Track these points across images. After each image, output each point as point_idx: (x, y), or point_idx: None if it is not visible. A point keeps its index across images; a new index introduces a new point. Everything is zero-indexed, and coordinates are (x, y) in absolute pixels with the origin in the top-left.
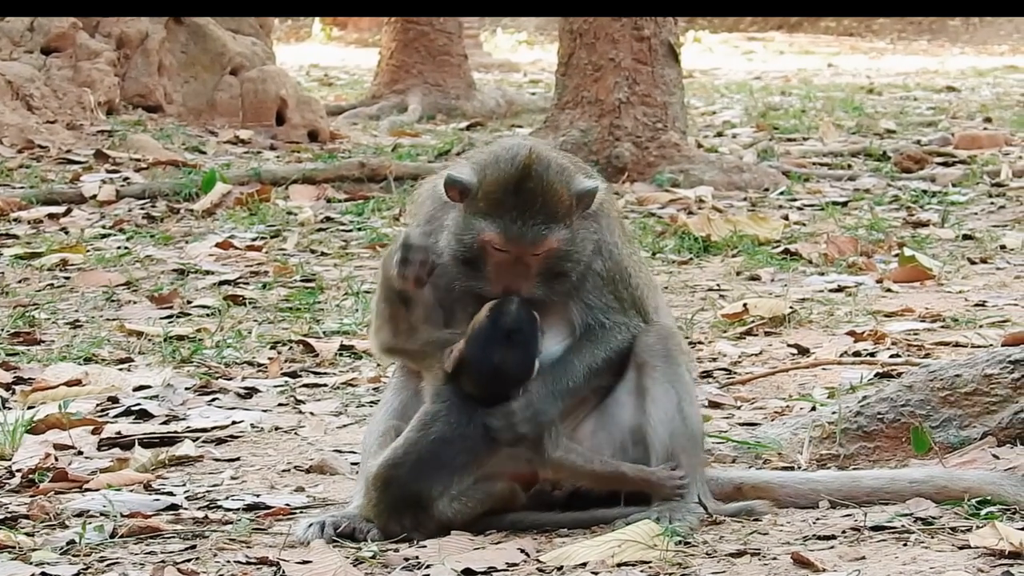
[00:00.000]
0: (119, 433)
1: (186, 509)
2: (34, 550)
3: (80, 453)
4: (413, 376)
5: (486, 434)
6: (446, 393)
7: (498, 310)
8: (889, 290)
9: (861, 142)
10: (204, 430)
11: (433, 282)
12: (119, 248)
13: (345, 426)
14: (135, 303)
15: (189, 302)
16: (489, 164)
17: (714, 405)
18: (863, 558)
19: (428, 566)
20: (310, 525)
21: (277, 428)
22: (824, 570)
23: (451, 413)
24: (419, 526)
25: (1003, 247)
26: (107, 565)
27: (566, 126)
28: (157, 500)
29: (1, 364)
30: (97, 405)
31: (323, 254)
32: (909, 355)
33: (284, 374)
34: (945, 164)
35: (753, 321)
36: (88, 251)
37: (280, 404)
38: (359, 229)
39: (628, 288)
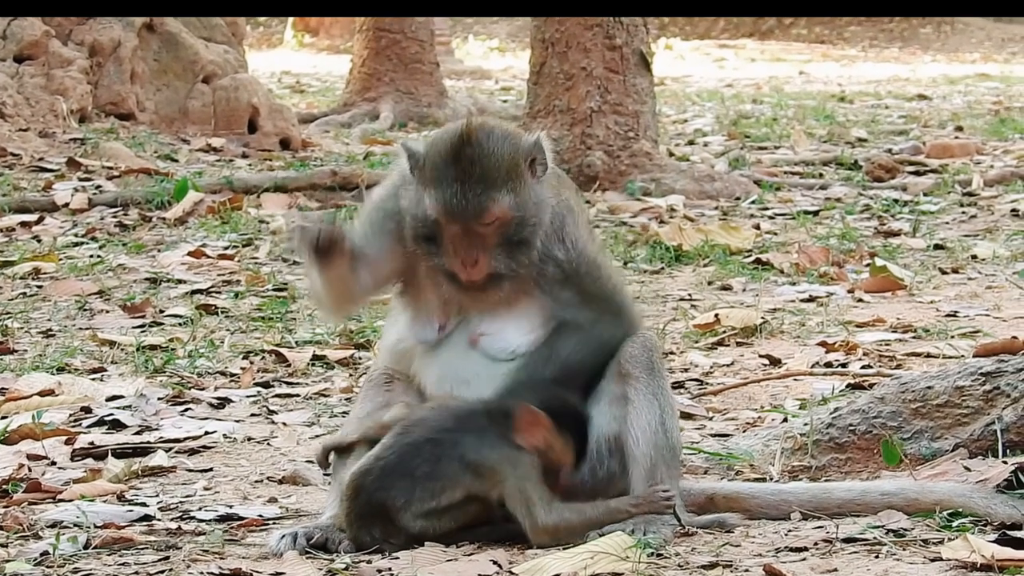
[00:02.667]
0: (92, 443)
1: (159, 520)
2: (7, 561)
3: (53, 463)
4: (383, 389)
5: (455, 452)
6: (447, 406)
7: None
8: (860, 300)
9: (832, 151)
10: (177, 440)
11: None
12: (91, 257)
13: (318, 436)
14: (107, 312)
15: (161, 311)
16: (437, 135)
17: (686, 416)
18: (835, 570)
19: None
20: (283, 536)
21: (250, 438)
22: None
23: (437, 421)
24: (388, 537)
25: (974, 257)
26: None
27: None
28: (130, 511)
29: None
30: (70, 415)
31: (295, 263)
32: (880, 366)
33: (257, 384)
34: (916, 173)
35: (725, 331)
36: (60, 260)
37: (253, 414)
38: None
39: (596, 281)
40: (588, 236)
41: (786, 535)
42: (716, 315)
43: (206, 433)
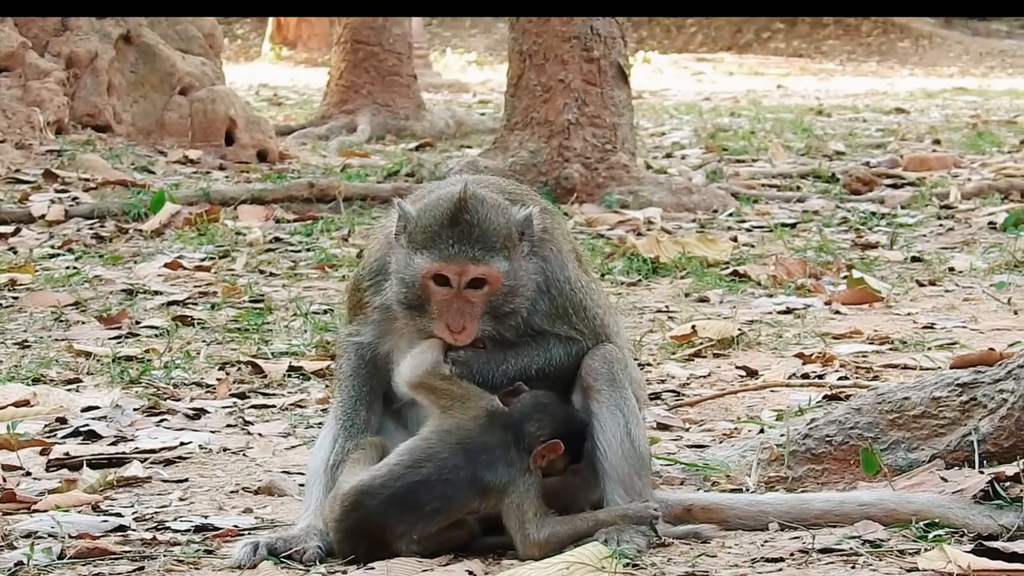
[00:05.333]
0: (67, 454)
1: (134, 530)
2: None
3: (28, 474)
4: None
5: (467, 486)
6: (457, 436)
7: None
8: (838, 312)
9: (810, 164)
10: (152, 451)
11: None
12: (68, 268)
13: (293, 447)
14: (84, 323)
15: (138, 322)
16: (428, 198)
17: (663, 427)
18: None
19: None
20: (245, 545)
21: (225, 449)
22: None
23: (451, 458)
24: (374, 553)
25: (951, 269)
26: None
27: (515, 147)
28: (105, 521)
29: None
30: (45, 426)
31: (272, 275)
32: (857, 377)
33: (232, 395)
34: (894, 186)
35: (702, 343)
36: (36, 271)
37: (228, 425)
38: (308, 250)
39: (584, 320)
40: (576, 272)
41: (762, 546)
42: (693, 327)
43: (181, 444)
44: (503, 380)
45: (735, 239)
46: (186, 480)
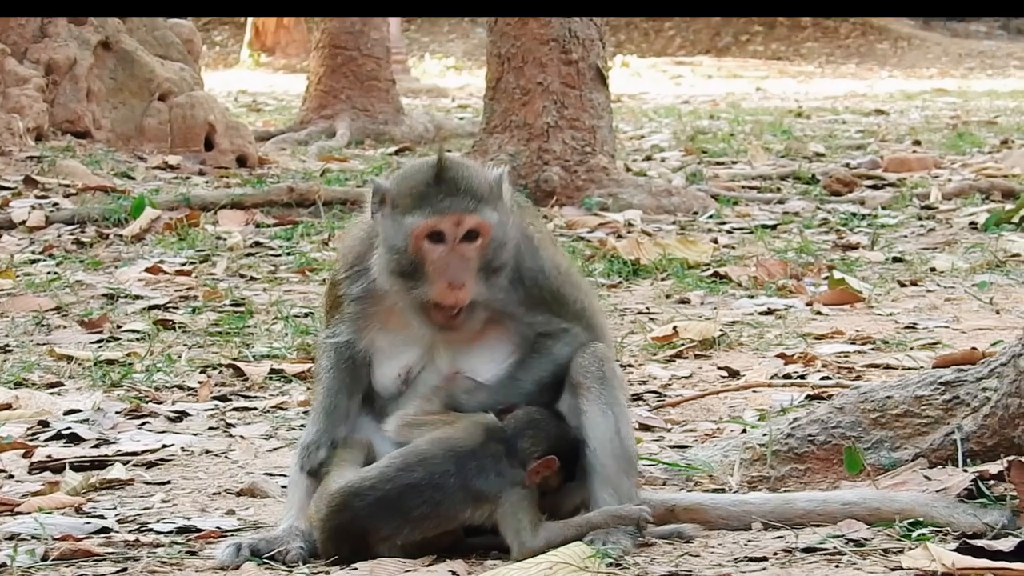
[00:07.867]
0: (50, 457)
1: (117, 532)
2: None
3: (11, 477)
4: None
5: (457, 493)
6: (449, 443)
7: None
8: (819, 313)
9: (790, 165)
10: (135, 453)
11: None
12: (49, 273)
13: (275, 449)
14: (65, 328)
15: (119, 327)
16: (406, 168)
17: (644, 428)
18: None
19: None
20: (228, 546)
21: (207, 451)
22: None
23: (442, 463)
24: (357, 554)
25: (933, 270)
26: None
27: (494, 150)
28: (88, 523)
29: None
30: (28, 429)
31: (252, 279)
32: (839, 377)
33: (214, 398)
34: (874, 187)
35: (683, 344)
36: (18, 276)
37: (210, 428)
38: (288, 254)
39: (568, 305)
40: (555, 259)
41: (745, 545)
42: (674, 328)
43: (164, 446)
44: (522, 397)
45: (715, 241)
46: (168, 482)
